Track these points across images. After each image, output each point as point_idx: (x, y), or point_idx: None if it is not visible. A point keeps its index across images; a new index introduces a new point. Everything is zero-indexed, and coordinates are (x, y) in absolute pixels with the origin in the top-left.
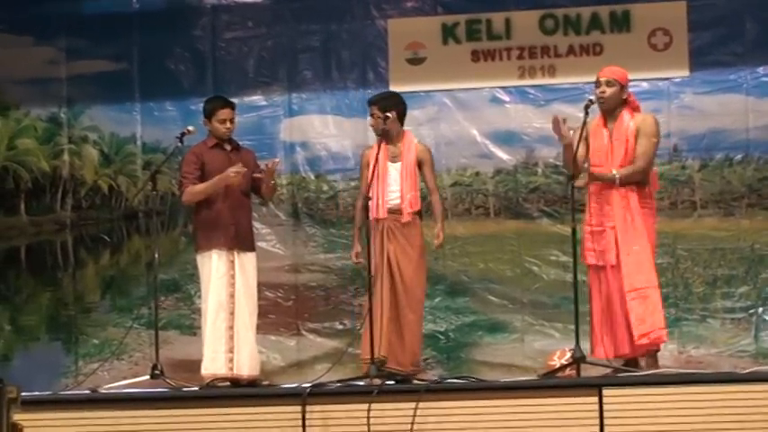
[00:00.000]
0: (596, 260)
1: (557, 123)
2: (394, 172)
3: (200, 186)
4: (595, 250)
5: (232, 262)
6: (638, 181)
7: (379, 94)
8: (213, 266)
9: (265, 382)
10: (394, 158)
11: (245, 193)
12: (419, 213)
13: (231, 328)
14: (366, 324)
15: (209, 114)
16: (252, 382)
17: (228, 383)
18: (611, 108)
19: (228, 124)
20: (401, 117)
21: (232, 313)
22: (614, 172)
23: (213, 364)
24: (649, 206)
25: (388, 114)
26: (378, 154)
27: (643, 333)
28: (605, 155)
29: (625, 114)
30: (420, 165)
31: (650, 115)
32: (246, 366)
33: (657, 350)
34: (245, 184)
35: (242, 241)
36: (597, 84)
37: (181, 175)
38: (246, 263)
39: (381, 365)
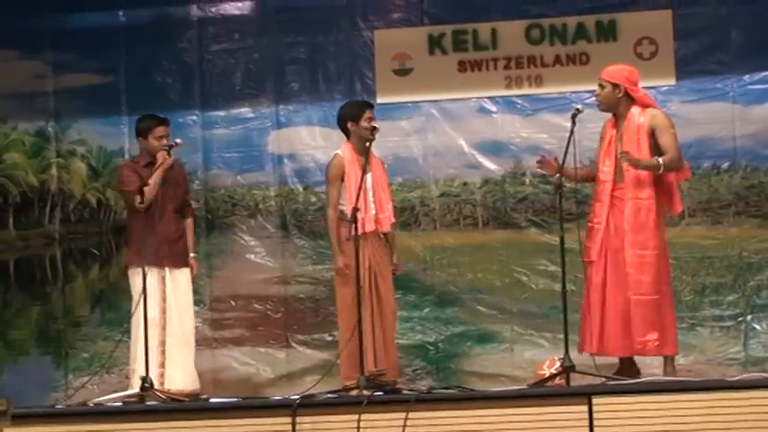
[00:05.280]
0: (587, 256)
1: (544, 164)
2: (369, 183)
3: (150, 181)
4: (588, 247)
5: (164, 278)
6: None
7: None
8: (145, 282)
9: (204, 396)
10: (364, 170)
11: (176, 209)
12: None
13: (163, 343)
14: (356, 338)
15: (144, 132)
16: (191, 396)
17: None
18: (610, 109)
19: (164, 141)
20: None
21: (164, 329)
22: (659, 159)
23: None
24: (646, 204)
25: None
26: (348, 163)
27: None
28: (611, 155)
29: (634, 112)
30: None
31: (659, 110)
32: (179, 382)
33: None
34: (178, 201)
35: (174, 257)
36: None
37: (124, 184)
38: (180, 277)
39: (379, 377)
